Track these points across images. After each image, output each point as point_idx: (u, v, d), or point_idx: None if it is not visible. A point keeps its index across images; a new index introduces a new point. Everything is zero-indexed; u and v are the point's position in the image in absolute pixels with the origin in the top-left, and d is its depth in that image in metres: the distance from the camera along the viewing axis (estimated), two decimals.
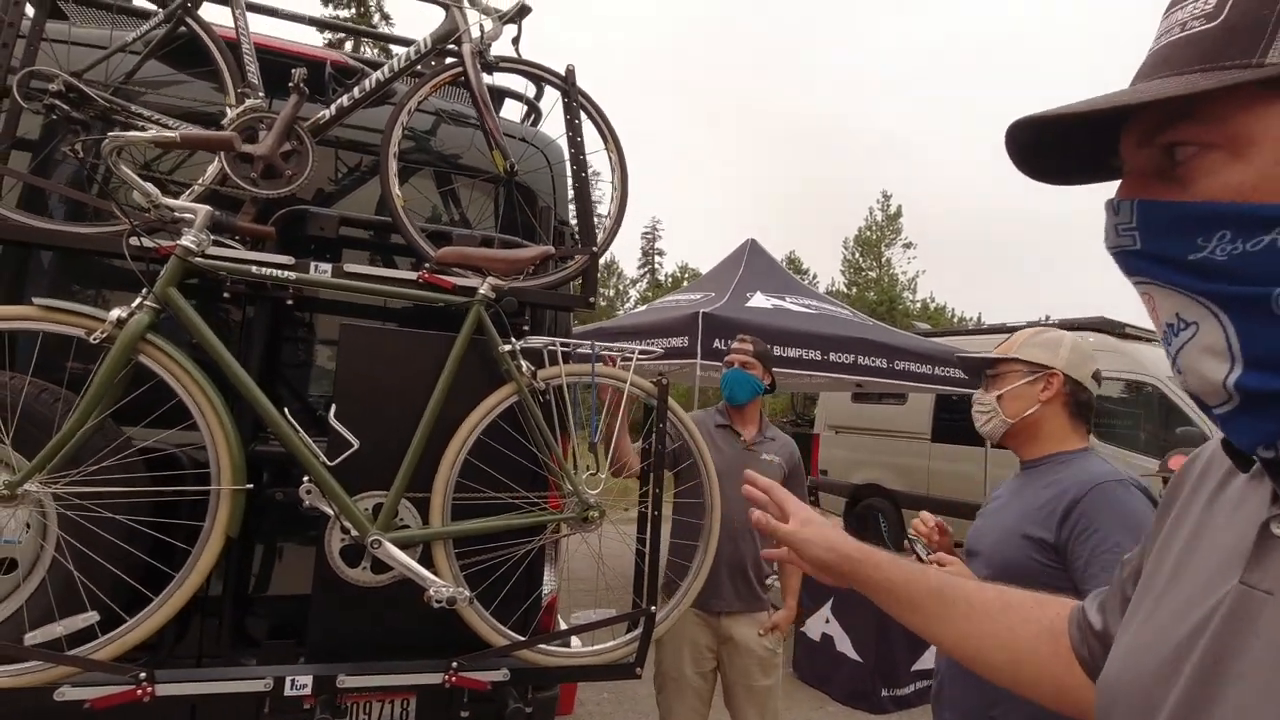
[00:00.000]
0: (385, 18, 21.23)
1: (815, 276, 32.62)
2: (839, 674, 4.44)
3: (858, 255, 30.61)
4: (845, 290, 29.96)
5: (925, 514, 1.67)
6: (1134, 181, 0.51)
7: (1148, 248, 0.49)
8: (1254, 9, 0.44)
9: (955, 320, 30.87)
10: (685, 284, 18.13)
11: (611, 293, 35.00)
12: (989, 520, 1.64)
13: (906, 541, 1.69)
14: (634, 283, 37.23)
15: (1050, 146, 0.54)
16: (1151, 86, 0.47)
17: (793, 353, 5.22)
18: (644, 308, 8.39)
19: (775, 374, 2.88)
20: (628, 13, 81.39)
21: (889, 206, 30.24)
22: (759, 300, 5.76)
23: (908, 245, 30.18)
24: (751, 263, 6.45)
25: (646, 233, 38.13)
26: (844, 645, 4.44)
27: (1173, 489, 0.68)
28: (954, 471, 7.57)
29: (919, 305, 30.50)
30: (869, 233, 30.48)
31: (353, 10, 20.91)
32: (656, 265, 37.71)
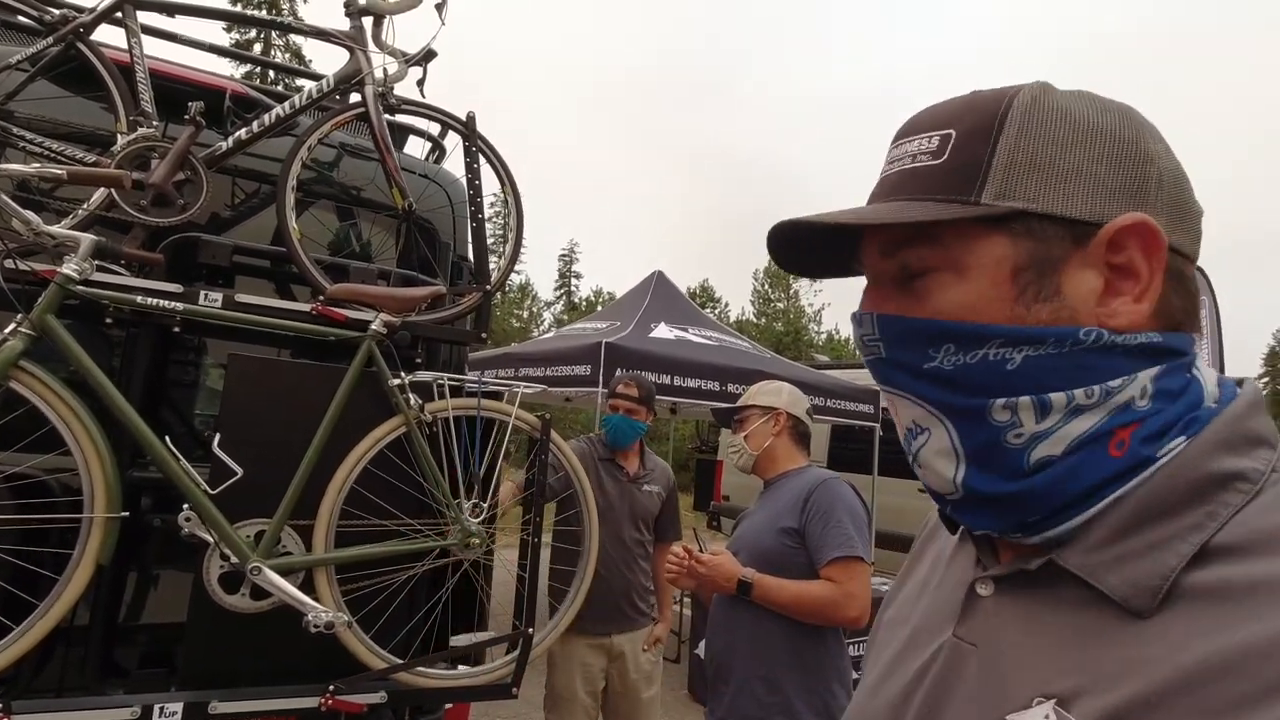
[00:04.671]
0: (295, 52, 20.61)
1: (727, 305, 33.54)
2: None
3: (767, 287, 31.75)
4: (755, 320, 30.94)
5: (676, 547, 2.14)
6: (875, 292, 0.57)
7: (891, 356, 0.54)
8: (968, 154, 0.51)
9: (857, 353, 32.36)
10: (599, 308, 18.32)
11: (526, 315, 34.75)
12: (746, 524, 2.16)
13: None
14: (549, 305, 37.07)
15: (805, 244, 0.60)
16: (889, 209, 0.53)
17: (693, 383, 5.43)
18: (552, 334, 8.48)
19: (677, 404, 3.08)
20: (562, 33, 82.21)
21: None
22: (662, 331, 5.96)
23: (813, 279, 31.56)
24: (658, 294, 6.67)
25: (564, 254, 38.17)
26: None
27: (919, 542, 0.74)
28: None
29: (824, 336, 31.87)
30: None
31: (259, 35, 20.22)
32: (573, 288, 37.76)
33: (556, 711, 2.79)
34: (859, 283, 0.64)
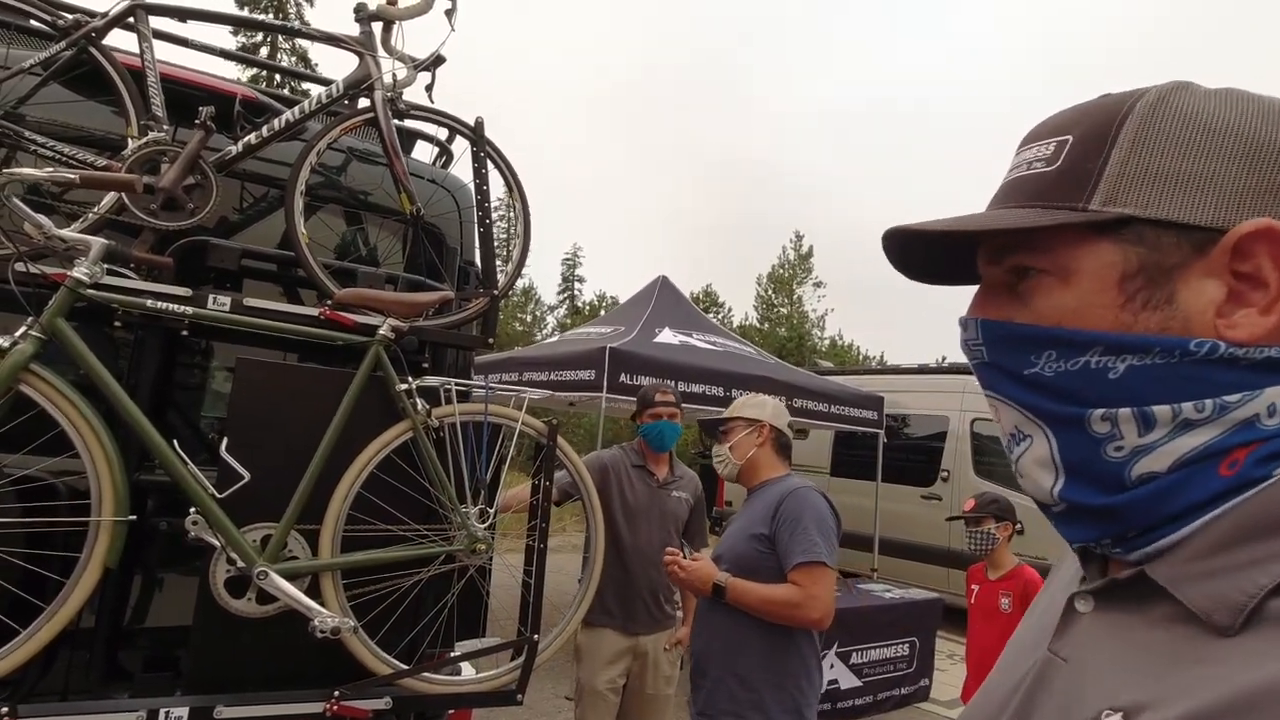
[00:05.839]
0: (301, 55, 20.69)
1: (730, 310, 33.48)
2: None
3: (770, 292, 31.72)
4: (758, 325, 30.90)
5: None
6: (984, 296, 0.56)
7: (993, 360, 0.54)
8: (1081, 161, 0.50)
9: (861, 359, 32.34)
10: (603, 313, 18.32)
11: (529, 319, 34.77)
12: (728, 531, 2.27)
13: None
14: (552, 309, 37.06)
15: (922, 251, 0.60)
16: (997, 216, 0.53)
17: (697, 388, 5.44)
18: (555, 338, 8.49)
19: (681, 408, 3.18)
20: (568, 37, 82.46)
21: (801, 246, 31.59)
22: (667, 336, 5.97)
23: (818, 284, 31.54)
24: (662, 299, 6.68)
25: (567, 258, 38.20)
26: None
27: (1055, 563, 0.73)
28: (850, 504, 7.98)
29: (827, 342, 31.82)
30: (781, 270, 31.68)
31: (265, 40, 20.30)
32: (576, 292, 37.78)
33: (582, 704, 2.88)
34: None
